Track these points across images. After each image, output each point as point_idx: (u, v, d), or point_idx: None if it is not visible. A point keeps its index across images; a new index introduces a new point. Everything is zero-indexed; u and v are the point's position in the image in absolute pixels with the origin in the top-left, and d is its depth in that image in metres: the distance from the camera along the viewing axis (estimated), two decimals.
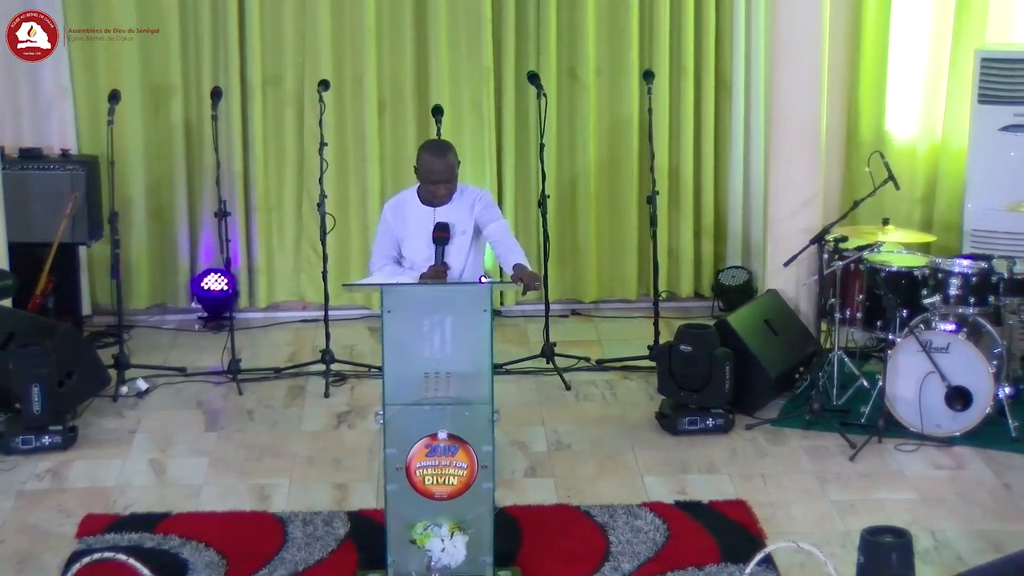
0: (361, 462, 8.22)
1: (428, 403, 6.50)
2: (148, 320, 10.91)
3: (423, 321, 6.46)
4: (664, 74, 10.75)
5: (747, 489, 7.86)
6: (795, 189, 9.54)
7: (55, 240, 9.85)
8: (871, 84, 10.49)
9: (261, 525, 7.46)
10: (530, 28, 10.74)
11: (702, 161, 11.06)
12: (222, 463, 8.33)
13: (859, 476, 8.04)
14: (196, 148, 10.78)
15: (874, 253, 8.88)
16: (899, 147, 10.47)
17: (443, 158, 7.16)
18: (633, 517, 7.46)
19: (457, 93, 10.73)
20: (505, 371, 9.60)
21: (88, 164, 10.16)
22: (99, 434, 8.74)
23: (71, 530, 7.39)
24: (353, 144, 10.79)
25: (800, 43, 9.44)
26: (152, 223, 10.87)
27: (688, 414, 8.63)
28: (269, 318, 10.98)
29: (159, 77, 10.65)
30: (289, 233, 10.95)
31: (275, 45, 10.67)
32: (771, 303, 9.47)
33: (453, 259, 7.18)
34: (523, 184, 10.91)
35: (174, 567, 6.96)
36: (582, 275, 11.12)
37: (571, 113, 10.90)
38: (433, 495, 6.54)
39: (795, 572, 6.82)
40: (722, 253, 11.29)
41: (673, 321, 9.85)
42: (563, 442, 8.61)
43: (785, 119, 9.56)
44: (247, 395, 9.40)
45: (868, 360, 9.50)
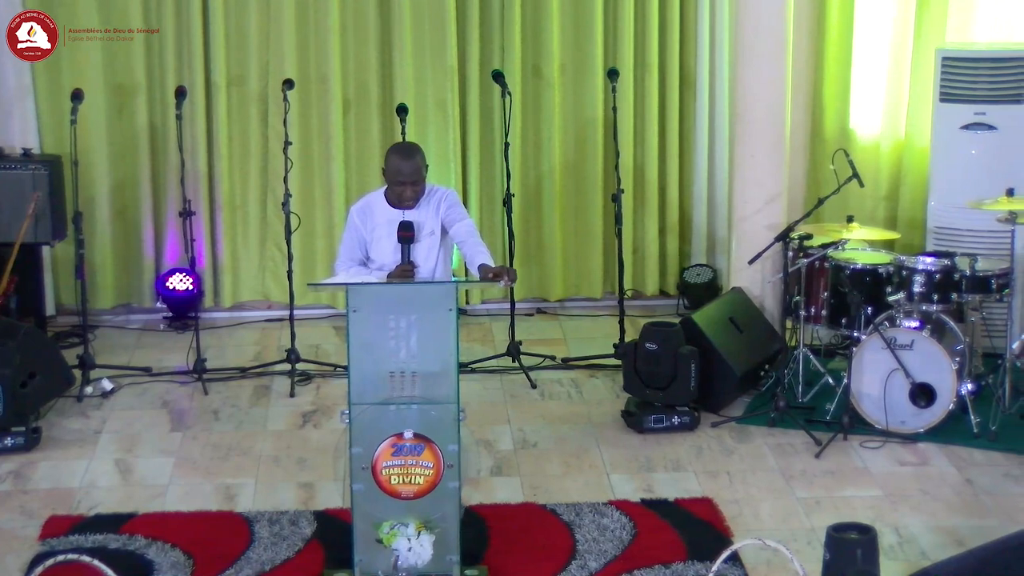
0: (327, 461, 8.21)
1: (394, 402, 6.50)
2: (113, 320, 10.88)
3: (389, 320, 6.47)
4: (628, 72, 10.76)
5: (713, 487, 7.88)
6: (760, 187, 9.58)
7: (18, 240, 9.79)
8: (835, 82, 10.52)
9: (227, 525, 7.44)
10: (495, 26, 10.74)
11: (667, 159, 11.07)
12: (188, 463, 8.31)
13: (824, 473, 8.07)
14: (160, 147, 10.74)
15: (839, 251, 8.91)
16: (863, 145, 10.51)
17: (410, 160, 7.14)
18: (599, 515, 7.47)
19: (422, 92, 10.72)
20: (471, 370, 9.60)
21: (51, 163, 10.10)
22: (63, 435, 8.70)
23: (34, 532, 7.36)
24: (318, 143, 10.77)
25: (764, 40, 9.47)
26: (116, 223, 10.84)
27: (654, 412, 8.65)
28: (234, 318, 10.95)
29: (123, 76, 10.62)
30: (254, 232, 10.93)
31: (239, 44, 10.65)
32: (736, 301, 9.49)
33: (422, 260, 7.17)
34: (488, 183, 10.91)
35: (140, 568, 6.93)
36: (548, 273, 11.13)
37: (536, 111, 10.91)
38: (399, 494, 6.55)
39: (762, 569, 6.85)
40: (687, 251, 11.32)
41: (638, 319, 9.87)
42: (529, 440, 8.62)
43: (749, 117, 9.59)
44: (213, 395, 9.38)
45: (833, 357, 9.53)
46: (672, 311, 10.75)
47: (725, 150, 10.72)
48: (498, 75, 10.00)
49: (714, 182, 11.07)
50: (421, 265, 7.16)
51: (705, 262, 11.17)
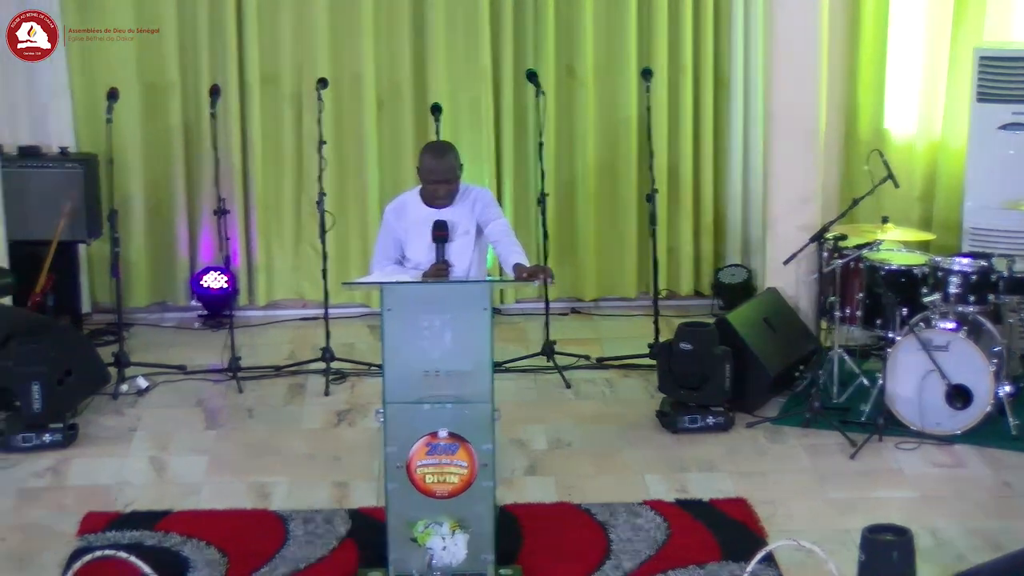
0: (361, 460, 8.21)
1: (428, 401, 6.50)
2: (148, 318, 10.91)
3: (423, 319, 6.46)
4: (662, 72, 10.74)
5: (747, 487, 7.86)
6: (794, 187, 9.55)
7: (54, 238, 9.84)
8: (870, 82, 10.47)
9: (262, 523, 7.46)
10: (528, 26, 10.74)
11: (701, 159, 11.05)
12: (222, 461, 8.33)
13: (859, 474, 8.04)
14: (195, 146, 10.77)
15: (873, 251, 8.88)
16: (898, 145, 10.45)
17: (443, 159, 7.15)
18: (634, 515, 7.46)
19: (455, 91, 10.72)
20: (505, 369, 9.59)
21: (87, 162, 10.16)
22: (99, 432, 8.73)
23: (71, 528, 7.39)
24: (351, 142, 10.78)
25: (798, 41, 9.44)
26: (151, 221, 10.86)
27: (688, 412, 8.63)
28: (269, 316, 10.97)
29: (157, 75, 10.65)
30: (288, 231, 10.95)
31: (273, 43, 10.67)
32: (771, 301, 9.47)
33: (456, 259, 7.17)
34: (522, 182, 10.90)
35: (175, 565, 6.95)
36: (582, 273, 11.11)
37: (569, 111, 10.89)
38: (434, 493, 6.54)
39: (796, 570, 6.83)
40: (721, 251, 11.29)
41: (673, 319, 9.83)
42: (563, 440, 8.61)
43: (784, 117, 9.56)
44: (247, 393, 9.40)
45: (868, 358, 9.49)
46: (707, 311, 10.72)
47: (759, 150, 10.67)
48: (532, 74, 10.00)
49: (748, 182, 11.04)
50: (456, 264, 7.16)
51: (740, 262, 11.14)
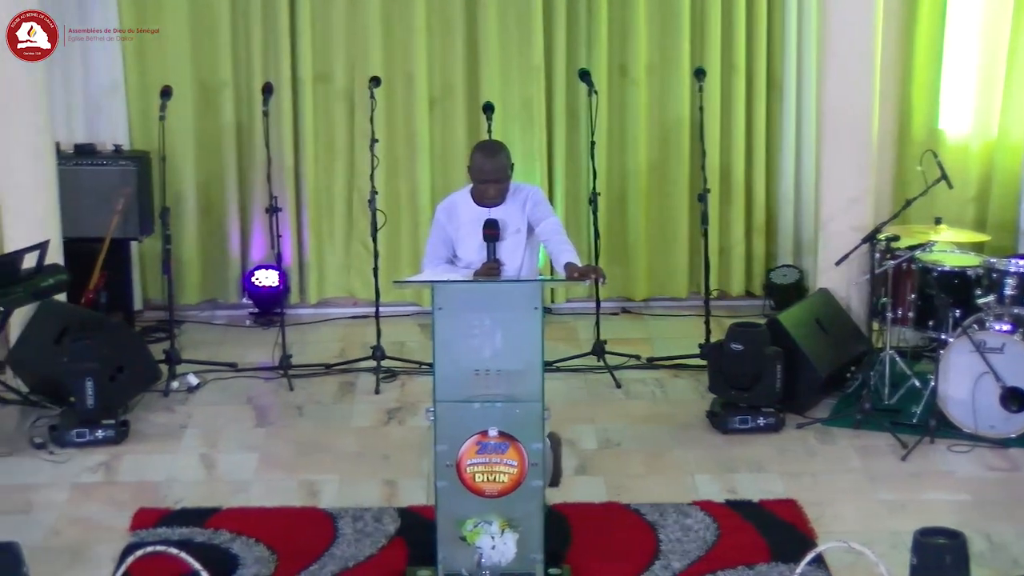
0: (411, 458, 8.23)
1: (478, 400, 6.50)
2: (199, 315, 10.95)
3: (474, 318, 6.46)
4: (715, 72, 10.71)
5: (797, 488, 7.83)
6: (846, 187, 9.50)
7: (107, 235, 9.90)
8: (924, 82, 10.41)
9: (311, 521, 7.48)
10: (581, 25, 10.72)
11: (753, 159, 11.01)
12: (272, 459, 8.36)
13: (910, 476, 8.00)
14: (247, 144, 10.81)
15: (926, 252, 8.83)
16: (952, 145, 10.38)
17: (494, 158, 7.14)
18: (683, 515, 7.45)
19: (508, 90, 10.73)
20: (555, 369, 9.58)
21: (140, 160, 10.22)
22: (150, 428, 8.78)
23: (123, 523, 7.44)
24: (404, 141, 10.80)
25: (851, 40, 9.39)
26: (203, 219, 10.91)
27: (738, 413, 8.61)
28: (319, 314, 10.99)
29: (210, 73, 10.69)
30: (340, 229, 10.97)
31: (326, 41, 10.69)
32: (822, 302, 9.43)
33: (508, 258, 7.15)
34: (573, 181, 10.89)
35: (225, 562, 6.99)
36: (632, 273, 11.09)
37: (622, 110, 10.87)
38: (483, 492, 6.54)
39: (846, 572, 6.80)
40: (773, 251, 11.24)
41: (724, 319, 9.81)
42: (613, 440, 8.60)
43: (836, 117, 9.51)
44: (297, 391, 9.42)
45: (920, 360, 9.44)
46: (758, 312, 10.68)
47: (812, 151, 10.64)
48: (584, 74, 9.98)
49: (801, 183, 11.00)
50: (507, 263, 7.15)
51: (791, 263, 11.09)
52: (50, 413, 8.78)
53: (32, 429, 8.63)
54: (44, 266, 8.84)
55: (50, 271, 8.92)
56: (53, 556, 7.10)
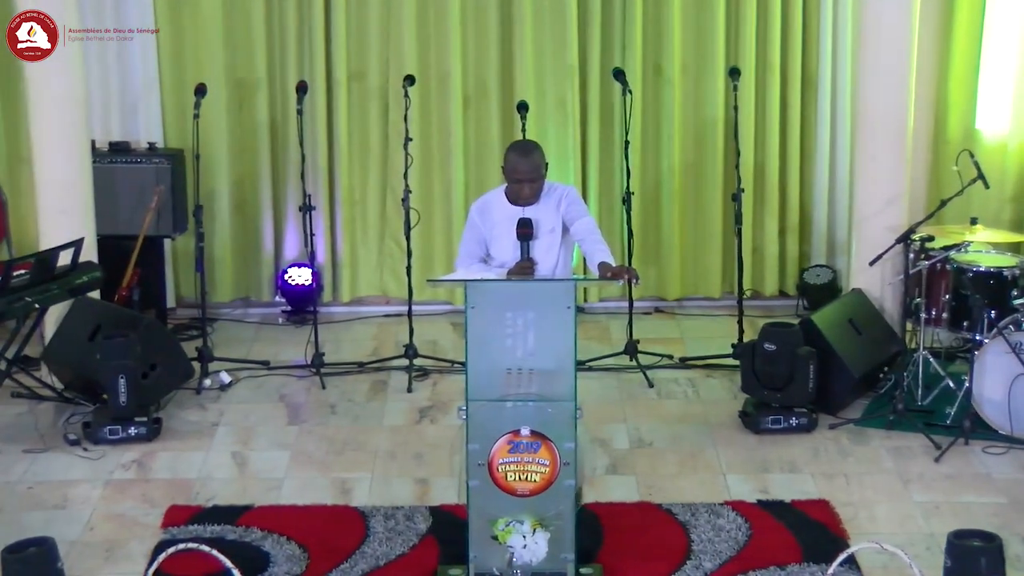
0: (442, 457, 8.21)
1: (511, 399, 6.50)
2: (231, 313, 10.98)
3: (507, 317, 6.46)
4: (750, 71, 10.69)
5: (829, 489, 7.81)
6: (881, 187, 9.46)
7: (141, 232, 9.93)
8: (961, 81, 10.35)
9: (342, 519, 7.49)
10: (615, 24, 10.71)
11: (787, 159, 10.98)
12: (304, 457, 8.37)
13: (944, 478, 7.96)
14: (281, 142, 10.83)
15: (961, 253, 8.79)
16: (989, 145, 10.31)
17: (529, 158, 7.12)
18: (715, 515, 7.44)
19: (542, 89, 10.72)
20: (588, 368, 9.58)
21: (174, 157, 10.25)
22: (182, 426, 8.81)
23: (156, 520, 7.47)
24: (438, 139, 10.80)
25: (888, 39, 9.34)
26: (236, 216, 10.93)
27: (771, 413, 8.59)
28: (352, 312, 11.01)
29: (244, 71, 10.71)
30: (373, 228, 10.98)
31: (360, 40, 10.70)
32: (856, 302, 9.40)
33: (542, 257, 7.14)
34: (607, 181, 10.88)
35: (256, 560, 7.00)
36: (666, 272, 11.08)
37: (656, 110, 10.86)
38: (515, 491, 6.54)
39: (878, 574, 6.78)
40: (807, 251, 11.21)
41: (757, 319, 9.81)
42: (645, 440, 8.59)
43: (871, 117, 9.47)
44: (329, 389, 9.44)
45: (954, 361, 9.42)
46: (791, 312, 10.66)
47: (846, 150, 10.63)
48: (619, 73, 9.97)
49: (835, 183, 10.98)
50: (541, 262, 7.13)
51: (825, 263, 11.06)
52: (84, 410, 8.82)
53: (66, 426, 8.69)
54: (78, 263, 8.87)
55: (84, 268, 8.95)
56: (88, 551, 7.15)
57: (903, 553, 5.86)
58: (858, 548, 6.50)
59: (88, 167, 9.35)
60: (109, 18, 10.35)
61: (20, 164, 10.33)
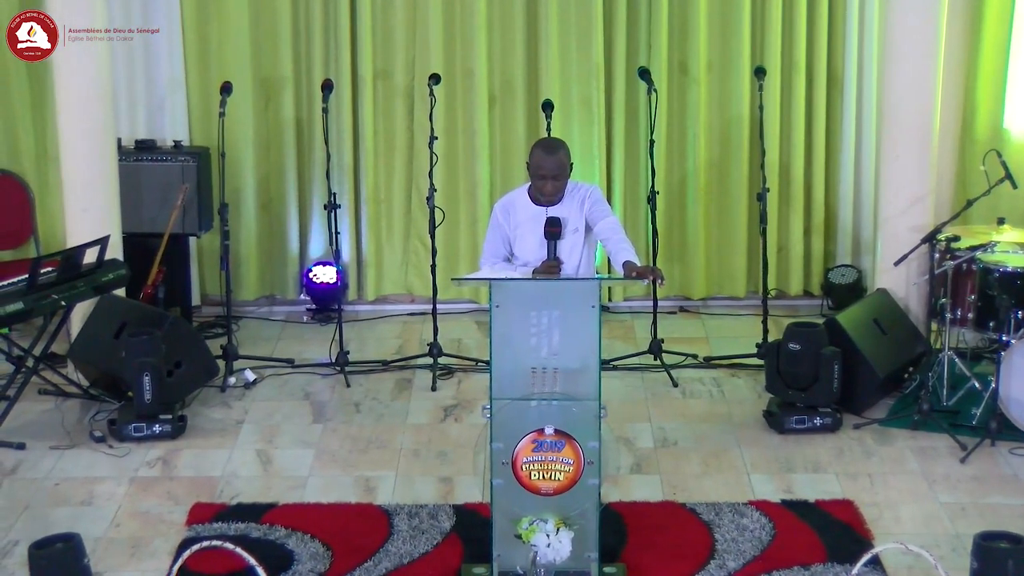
0: (466, 456, 8.23)
1: (535, 398, 6.50)
2: (256, 311, 11.00)
3: (531, 316, 6.46)
4: (775, 70, 10.67)
5: (854, 489, 7.80)
6: (907, 187, 9.43)
7: (167, 231, 9.95)
8: (989, 80, 10.30)
9: (366, 517, 7.50)
10: (641, 23, 10.69)
11: (813, 158, 10.95)
12: (328, 455, 8.38)
13: (970, 479, 7.94)
14: (306, 141, 10.84)
15: (988, 253, 8.75)
16: (1017, 144, 10.27)
17: (553, 155, 7.12)
18: (739, 515, 7.43)
19: (567, 88, 10.71)
20: (612, 367, 9.58)
21: (199, 155, 10.27)
22: (207, 424, 8.82)
23: (180, 517, 7.49)
24: (463, 138, 10.80)
25: (915, 37, 9.30)
26: (262, 215, 10.95)
27: (795, 413, 8.58)
28: (377, 311, 11.01)
29: (270, 69, 10.73)
30: (398, 226, 10.99)
31: (386, 39, 10.71)
32: (881, 302, 9.37)
33: (566, 256, 7.14)
34: (632, 180, 10.87)
35: (280, 558, 7.01)
36: (691, 271, 11.06)
37: (681, 109, 10.84)
38: (539, 490, 6.54)
39: (903, 575, 6.76)
40: (832, 251, 11.18)
41: (782, 319, 9.79)
42: (669, 439, 8.58)
43: (897, 116, 9.44)
44: (354, 387, 9.45)
45: (979, 361, 9.38)
46: (816, 311, 10.64)
47: (872, 150, 10.60)
48: (644, 72, 9.96)
49: (860, 182, 10.95)
50: (565, 261, 7.13)
51: (850, 263, 11.04)
52: (110, 407, 8.86)
53: (92, 423, 8.72)
54: (104, 261, 8.89)
55: (110, 266, 8.97)
56: (113, 548, 7.17)
57: (928, 554, 5.84)
58: (883, 548, 6.48)
59: (114, 165, 9.37)
60: (136, 16, 10.37)
61: (47, 162, 10.38)
